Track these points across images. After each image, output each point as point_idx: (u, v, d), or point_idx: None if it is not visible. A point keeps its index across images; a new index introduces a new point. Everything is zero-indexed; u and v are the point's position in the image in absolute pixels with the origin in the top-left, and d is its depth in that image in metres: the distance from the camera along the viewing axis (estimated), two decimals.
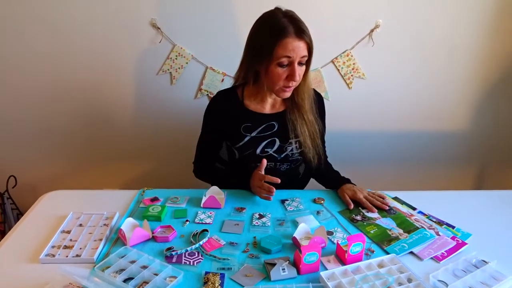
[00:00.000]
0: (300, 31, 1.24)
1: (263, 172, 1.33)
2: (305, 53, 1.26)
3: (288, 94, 1.35)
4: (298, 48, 1.24)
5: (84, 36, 1.82)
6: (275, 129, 1.44)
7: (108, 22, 1.80)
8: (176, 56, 1.87)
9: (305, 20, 1.27)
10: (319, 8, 1.80)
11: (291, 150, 1.44)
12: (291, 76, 1.27)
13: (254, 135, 1.43)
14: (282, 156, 1.45)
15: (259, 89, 1.42)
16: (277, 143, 1.44)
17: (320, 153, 1.47)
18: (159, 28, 1.81)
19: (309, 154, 1.44)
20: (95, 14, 1.78)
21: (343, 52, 1.90)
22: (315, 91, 1.51)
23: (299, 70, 1.28)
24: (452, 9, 1.83)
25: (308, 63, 1.32)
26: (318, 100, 1.50)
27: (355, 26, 1.85)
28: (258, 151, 1.43)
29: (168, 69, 1.90)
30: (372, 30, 1.85)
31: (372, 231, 1.20)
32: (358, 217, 1.28)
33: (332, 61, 1.92)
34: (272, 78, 1.30)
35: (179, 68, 1.90)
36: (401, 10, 1.83)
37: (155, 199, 1.37)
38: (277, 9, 1.30)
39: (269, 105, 1.46)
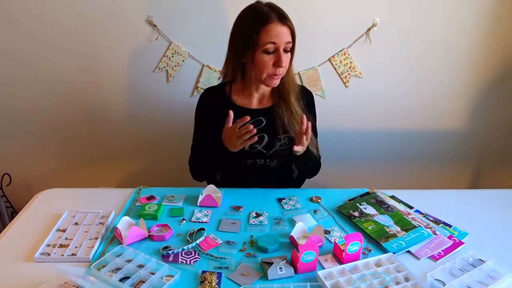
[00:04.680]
0: (283, 17, 1.25)
1: (230, 125, 1.28)
2: (289, 39, 1.27)
3: (276, 82, 1.34)
4: (282, 33, 1.24)
5: (80, 33, 1.81)
6: (263, 124, 1.43)
7: (104, 19, 1.78)
8: (173, 53, 1.86)
9: (302, 19, 1.27)
10: (317, 6, 1.79)
11: (280, 146, 1.43)
12: (278, 63, 1.27)
13: None
14: (271, 152, 1.43)
15: (246, 84, 1.42)
16: (266, 139, 1.43)
17: (316, 145, 1.45)
18: (155, 26, 1.80)
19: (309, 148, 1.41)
20: (91, 11, 1.77)
21: (340, 51, 1.90)
22: (302, 86, 1.51)
23: (285, 57, 1.28)
24: (449, 8, 1.84)
25: (292, 52, 1.32)
26: (306, 94, 1.49)
27: (352, 24, 1.85)
28: (246, 147, 1.42)
29: (165, 67, 1.89)
30: (369, 29, 1.85)
31: (370, 227, 1.20)
32: (356, 213, 1.28)
33: (329, 60, 1.91)
34: (259, 67, 1.30)
35: (175, 65, 1.89)
36: (399, 9, 1.83)
37: (151, 198, 1.36)
38: (257, 2, 1.32)
39: (256, 100, 1.45)
